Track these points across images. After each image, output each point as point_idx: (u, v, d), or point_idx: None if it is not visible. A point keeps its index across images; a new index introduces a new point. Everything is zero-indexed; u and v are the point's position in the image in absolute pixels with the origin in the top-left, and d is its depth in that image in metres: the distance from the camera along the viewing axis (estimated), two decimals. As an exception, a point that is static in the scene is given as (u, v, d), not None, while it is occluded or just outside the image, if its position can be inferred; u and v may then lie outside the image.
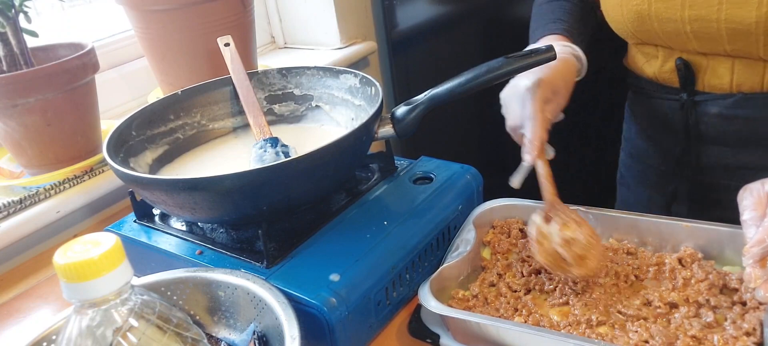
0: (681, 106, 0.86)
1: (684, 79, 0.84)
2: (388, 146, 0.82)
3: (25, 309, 0.81)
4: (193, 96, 0.89)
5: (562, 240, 0.67)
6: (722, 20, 0.74)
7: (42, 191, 0.90)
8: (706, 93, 0.84)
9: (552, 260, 0.67)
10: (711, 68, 0.82)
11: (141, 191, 0.71)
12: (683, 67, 0.83)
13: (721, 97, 0.83)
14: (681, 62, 0.83)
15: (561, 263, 0.66)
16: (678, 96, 0.86)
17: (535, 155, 0.71)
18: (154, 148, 0.83)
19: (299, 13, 1.49)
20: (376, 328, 0.66)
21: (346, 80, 0.87)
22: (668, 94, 0.88)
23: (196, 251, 0.70)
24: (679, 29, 0.79)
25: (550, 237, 0.68)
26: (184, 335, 0.48)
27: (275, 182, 0.65)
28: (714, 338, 0.56)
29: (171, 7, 1.00)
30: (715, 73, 0.82)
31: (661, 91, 0.90)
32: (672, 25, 0.79)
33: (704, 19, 0.76)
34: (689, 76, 0.84)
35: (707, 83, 0.83)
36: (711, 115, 0.85)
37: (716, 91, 0.83)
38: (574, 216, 0.69)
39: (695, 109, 0.85)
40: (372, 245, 0.67)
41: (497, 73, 0.70)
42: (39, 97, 0.87)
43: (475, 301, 0.66)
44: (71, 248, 0.44)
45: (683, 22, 0.78)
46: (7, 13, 0.87)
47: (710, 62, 0.81)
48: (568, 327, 0.60)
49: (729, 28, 0.75)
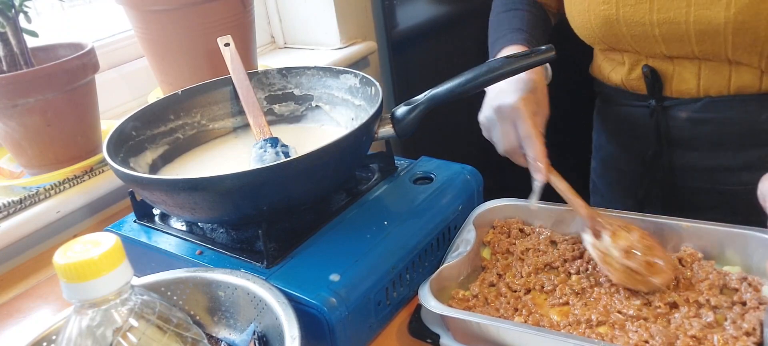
0: (650, 113, 0.87)
1: (651, 86, 0.85)
2: (388, 146, 0.82)
3: (25, 309, 0.81)
4: (193, 96, 0.89)
5: (622, 252, 0.64)
6: (691, 22, 0.75)
7: (42, 191, 0.90)
8: (675, 98, 0.85)
9: (627, 277, 0.63)
10: (677, 74, 0.82)
11: (141, 191, 0.71)
12: (650, 74, 0.84)
13: (689, 102, 0.83)
14: (648, 69, 0.84)
15: (636, 277, 0.63)
16: (647, 103, 0.87)
17: (545, 173, 0.71)
18: (154, 148, 0.83)
19: (299, 13, 1.49)
20: (376, 328, 0.66)
21: (346, 80, 0.87)
22: (636, 101, 0.89)
23: (196, 251, 0.70)
24: (648, 33, 0.79)
25: (611, 252, 0.65)
26: (184, 335, 0.48)
27: (275, 182, 0.65)
28: (714, 338, 0.56)
29: (171, 7, 1.00)
30: (681, 79, 0.82)
31: (629, 98, 0.90)
32: (640, 29, 0.79)
33: (673, 21, 0.76)
34: (656, 83, 0.84)
35: (675, 89, 0.84)
36: (680, 120, 0.85)
37: (684, 96, 0.84)
38: (618, 222, 0.67)
39: (665, 114, 0.86)
40: (372, 245, 0.67)
41: (497, 73, 0.70)
42: (39, 97, 0.87)
43: (475, 301, 0.66)
44: (71, 248, 0.44)
45: (652, 25, 0.78)
46: (7, 13, 0.87)
47: (676, 68, 0.82)
48: (568, 327, 0.60)
49: (698, 30, 0.75)
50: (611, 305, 0.62)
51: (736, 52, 0.76)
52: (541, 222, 0.75)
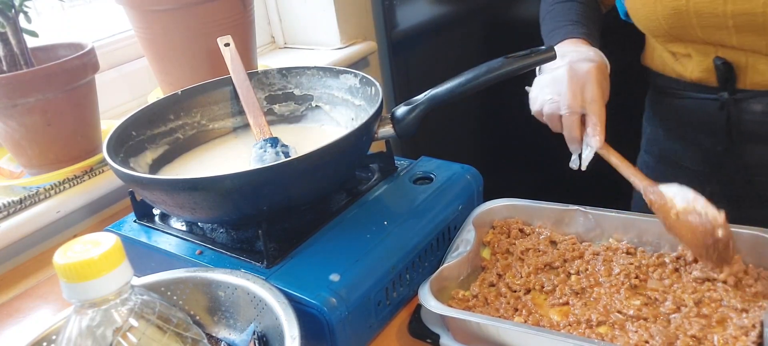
0: (721, 106, 0.83)
1: (724, 79, 0.81)
2: (388, 146, 0.82)
3: (25, 309, 0.81)
4: (193, 96, 0.89)
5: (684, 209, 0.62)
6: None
7: (42, 191, 0.90)
8: (748, 90, 0.81)
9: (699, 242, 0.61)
10: (751, 65, 0.79)
11: (141, 191, 0.71)
12: (722, 66, 0.80)
13: (765, 94, 0.80)
14: (720, 61, 0.80)
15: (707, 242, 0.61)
16: (717, 95, 0.83)
17: (603, 137, 0.71)
18: (154, 148, 0.83)
19: (299, 13, 1.49)
20: (376, 328, 0.66)
21: (346, 80, 0.87)
22: (704, 94, 0.85)
23: (196, 251, 0.70)
24: (721, 24, 0.76)
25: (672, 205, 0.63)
26: (184, 335, 0.48)
27: (275, 182, 0.65)
28: (714, 338, 0.56)
29: (171, 7, 1.00)
30: (756, 70, 0.79)
31: (695, 90, 0.86)
32: (713, 20, 0.76)
33: (749, 12, 0.73)
34: (729, 75, 0.80)
35: (749, 81, 0.80)
36: (755, 113, 0.81)
37: (759, 87, 0.80)
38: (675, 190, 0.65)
39: (737, 107, 0.82)
40: (372, 245, 0.67)
41: (497, 73, 0.70)
42: (39, 97, 0.87)
43: (475, 301, 0.66)
44: (71, 248, 0.44)
45: (725, 16, 0.75)
46: (7, 13, 0.87)
47: (750, 59, 0.78)
48: (568, 327, 0.60)
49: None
50: (611, 305, 0.62)
51: None
52: (541, 222, 0.75)
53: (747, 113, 0.82)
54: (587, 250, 0.70)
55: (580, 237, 0.73)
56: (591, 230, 0.73)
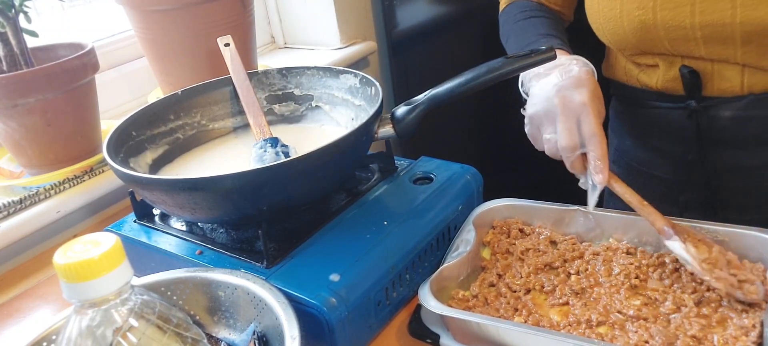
0: (689, 114, 0.83)
1: (690, 87, 0.81)
2: (388, 146, 0.82)
3: (25, 309, 0.81)
4: (193, 96, 0.89)
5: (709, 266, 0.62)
6: (737, 23, 0.71)
7: (42, 191, 0.90)
8: (716, 97, 0.80)
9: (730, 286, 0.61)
10: (717, 72, 0.78)
11: (141, 191, 0.71)
12: (689, 74, 0.79)
13: (732, 100, 0.79)
14: (686, 70, 0.79)
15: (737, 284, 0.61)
16: (684, 103, 0.83)
17: (607, 175, 0.68)
18: (154, 149, 0.83)
19: (299, 13, 1.49)
20: (376, 328, 0.66)
21: (346, 80, 0.87)
22: (670, 103, 0.85)
23: (196, 251, 0.70)
24: (688, 36, 0.75)
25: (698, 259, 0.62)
26: (184, 335, 0.48)
27: (275, 182, 0.65)
28: (714, 338, 0.56)
29: (171, 7, 1.00)
30: (723, 77, 0.78)
31: (661, 99, 0.86)
32: (680, 32, 0.76)
33: (717, 23, 0.73)
34: (695, 83, 0.80)
35: (716, 88, 0.80)
36: (724, 119, 0.81)
37: (726, 94, 0.79)
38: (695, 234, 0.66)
39: (705, 114, 0.82)
40: (372, 245, 0.67)
41: (497, 73, 0.70)
42: (39, 97, 0.87)
43: (475, 301, 0.66)
44: (71, 248, 0.44)
45: (693, 28, 0.74)
46: (7, 13, 0.87)
47: (716, 67, 0.78)
48: (568, 327, 0.60)
49: (745, 32, 0.72)
50: (611, 305, 0.62)
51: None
52: (541, 222, 0.75)
53: (716, 120, 0.82)
54: (587, 250, 0.70)
55: (580, 237, 0.73)
56: (591, 230, 0.73)
